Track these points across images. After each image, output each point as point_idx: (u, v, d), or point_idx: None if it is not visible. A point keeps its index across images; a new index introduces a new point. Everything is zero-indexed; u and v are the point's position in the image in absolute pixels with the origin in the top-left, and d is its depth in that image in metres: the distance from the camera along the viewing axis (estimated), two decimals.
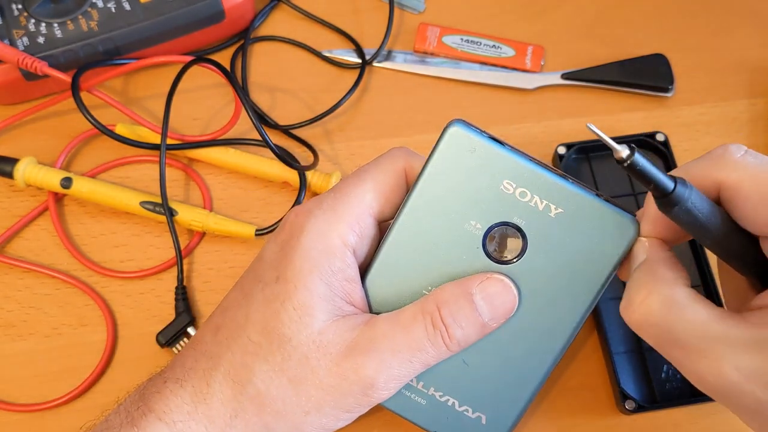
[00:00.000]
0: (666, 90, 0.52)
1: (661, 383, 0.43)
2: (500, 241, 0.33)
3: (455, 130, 0.32)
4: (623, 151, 0.27)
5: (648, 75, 0.52)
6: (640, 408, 0.41)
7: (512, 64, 0.53)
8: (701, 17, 0.55)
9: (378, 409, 0.43)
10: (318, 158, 0.48)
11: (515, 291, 0.32)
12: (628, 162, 0.27)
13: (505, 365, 0.34)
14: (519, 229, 0.32)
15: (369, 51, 0.53)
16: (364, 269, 0.34)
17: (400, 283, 0.33)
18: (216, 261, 0.47)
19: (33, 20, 0.48)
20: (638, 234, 0.32)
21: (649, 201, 0.32)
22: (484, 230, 0.33)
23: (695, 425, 0.43)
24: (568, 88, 0.52)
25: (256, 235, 0.46)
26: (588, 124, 0.28)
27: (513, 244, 0.33)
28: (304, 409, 0.32)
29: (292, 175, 0.47)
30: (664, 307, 0.29)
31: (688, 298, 0.29)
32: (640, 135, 0.48)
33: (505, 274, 0.33)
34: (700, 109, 0.52)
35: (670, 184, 0.28)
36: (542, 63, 0.53)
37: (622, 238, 0.32)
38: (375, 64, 0.53)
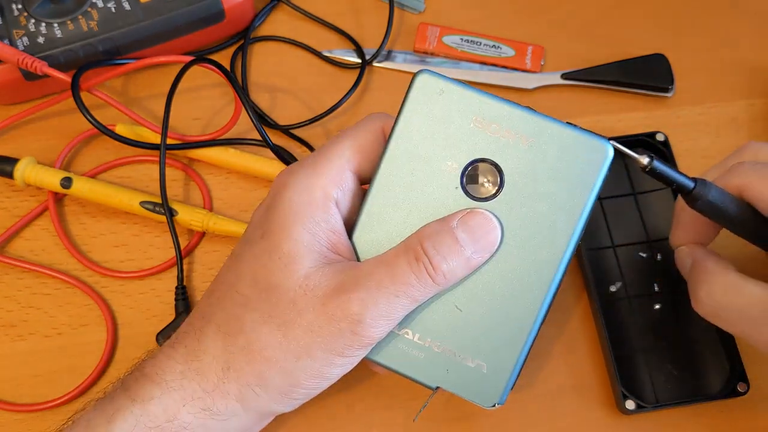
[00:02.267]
0: (666, 90, 0.52)
1: (661, 383, 0.43)
2: (477, 178, 0.33)
3: (423, 77, 0.33)
4: (644, 159, 0.32)
5: (648, 75, 0.52)
6: (640, 408, 0.41)
7: (512, 64, 0.53)
8: (701, 17, 0.55)
9: (376, 406, 0.43)
10: None
11: (496, 222, 0.33)
12: (649, 168, 0.32)
13: (499, 307, 0.33)
14: (494, 165, 0.33)
15: (369, 51, 0.53)
16: (350, 225, 0.35)
17: (385, 233, 0.34)
18: (216, 261, 0.47)
19: (33, 20, 0.48)
20: (612, 155, 0.32)
21: (678, 213, 0.39)
22: (461, 169, 0.33)
23: (695, 425, 0.43)
24: (568, 88, 0.52)
25: None
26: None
27: (490, 178, 0.33)
28: (294, 353, 0.32)
29: None
30: (725, 292, 0.35)
31: (742, 279, 0.35)
32: (640, 135, 0.48)
33: (486, 209, 0.33)
34: (700, 109, 0.52)
35: (690, 184, 0.34)
36: (542, 63, 0.53)
37: (598, 162, 0.32)
38: (375, 64, 0.53)
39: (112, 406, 0.33)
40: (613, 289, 0.45)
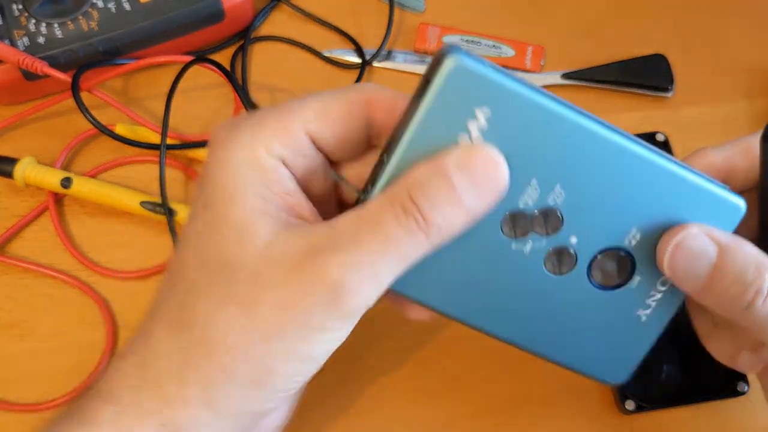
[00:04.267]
0: (666, 90, 0.52)
1: (661, 383, 0.43)
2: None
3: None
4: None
5: (648, 75, 0.52)
6: (640, 408, 0.41)
7: (512, 64, 0.53)
8: (701, 17, 0.55)
9: (377, 412, 0.43)
10: None
11: (501, 159, 0.26)
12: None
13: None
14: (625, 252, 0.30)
15: (369, 51, 0.53)
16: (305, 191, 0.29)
17: None
18: None
19: (33, 20, 0.48)
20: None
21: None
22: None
23: (695, 425, 0.43)
24: (568, 88, 0.52)
25: None
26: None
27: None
28: (261, 335, 0.26)
29: None
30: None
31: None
32: (640, 135, 0.48)
33: (493, 149, 0.26)
34: (700, 109, 0.52)
35: None
36: (542, 63, 0.53)
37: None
38: (375, 64, 0.53)
39: None
40: None
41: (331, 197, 0.31)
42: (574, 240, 0.29)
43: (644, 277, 0.30)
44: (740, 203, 0.29)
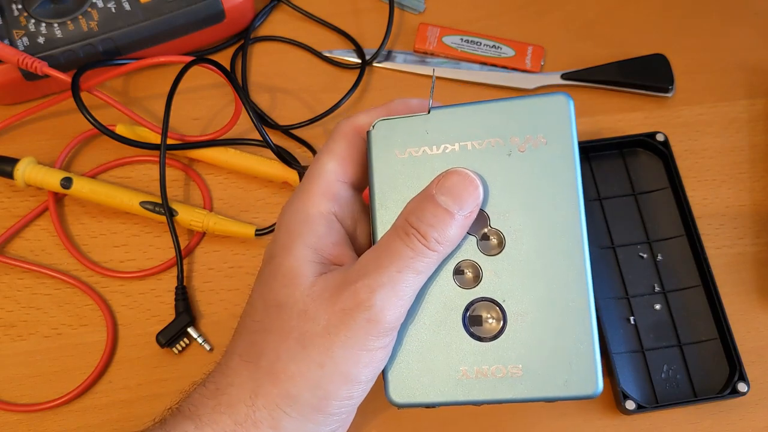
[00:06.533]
0: (666, 90, 0.52)
1: (661, 383, 0.43)
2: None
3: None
4: None
5: (648, 75, 0.52)
6: (640, 408, 0.41)
7: (512, 64, 0.53)
8: (701, 17, 0.55)
9: (379, 409, 0.43)
10: None
11: (473, 175, 0.32)
12: None
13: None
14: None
15: (369, 51, 0.53)
16: (353, 232, 0.35)
17: None
18: (216, 261, 0.47)
19: (33, 20, 0.48)
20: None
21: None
22: None
23: (695, 425, 0.43)
24: (568, 88, 0.52)
25: (256, 235, 0.46)
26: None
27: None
28: (317, 362, 0.31)
29: (292, 175, 0.47)
30: None
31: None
32: (640, 135, 0.48)
33: (470, 170, 0.33)
34: (700, 109, 0.52)
35: None
36: (542, 63, 0.53)
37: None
38: (375, 64, 0.53)
39: None
40: (613, 289, 0.45)
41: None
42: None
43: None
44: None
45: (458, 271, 0.33)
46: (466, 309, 0.32)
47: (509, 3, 0.56)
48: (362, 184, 0.36)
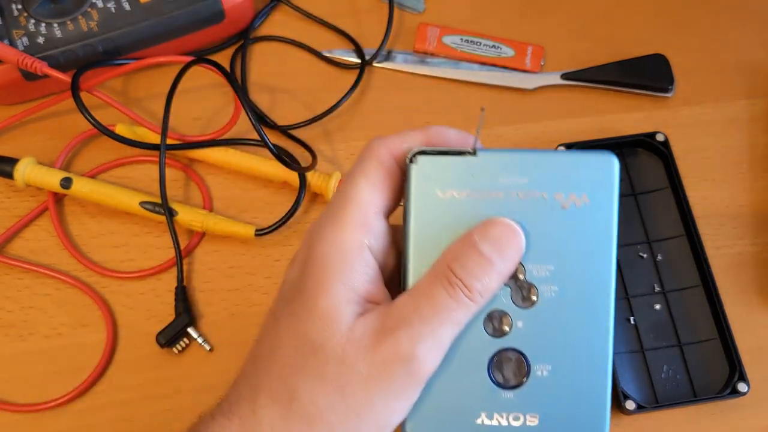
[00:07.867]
0: (666, 90, 0.52)
1: (661, 383, 0.43)
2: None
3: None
4: None
5: (648, 75, 0.52)
6: (640, 408, 0.41)
7: (512, 64, 0.53)
8: (701, 17, 0.55)
9: None
10: (316, 160, 0.48)
11: (515, 225, 0.32)
12: None
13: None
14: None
15: (369, 51, 0.53)
16: (386, 267, 0.34)
17: None
18: (216, 261, 0.47)
19: (33, 20, 0.48)
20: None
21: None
22: None
23: (695, 425, 0.43)
24: (567, 88, 0.52)
25: (255, 235, 0.46)
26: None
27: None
28: (355, 411, 0.31)
29: (292, 176, 0.47)
30: None
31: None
32: (640, 135, 0.48)
33: (508, 219, 0.32)
34: (700, 109, 0.52)
35: None
36: (542, 63, 0.53)
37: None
38: (375, 64, 0.53)
39: None
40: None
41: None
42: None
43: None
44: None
45: (489, 320, 0.32)
46: (492, 356, 0.32)
47: (509, 3, 0.56)
48: (392, 211, 0.34)
